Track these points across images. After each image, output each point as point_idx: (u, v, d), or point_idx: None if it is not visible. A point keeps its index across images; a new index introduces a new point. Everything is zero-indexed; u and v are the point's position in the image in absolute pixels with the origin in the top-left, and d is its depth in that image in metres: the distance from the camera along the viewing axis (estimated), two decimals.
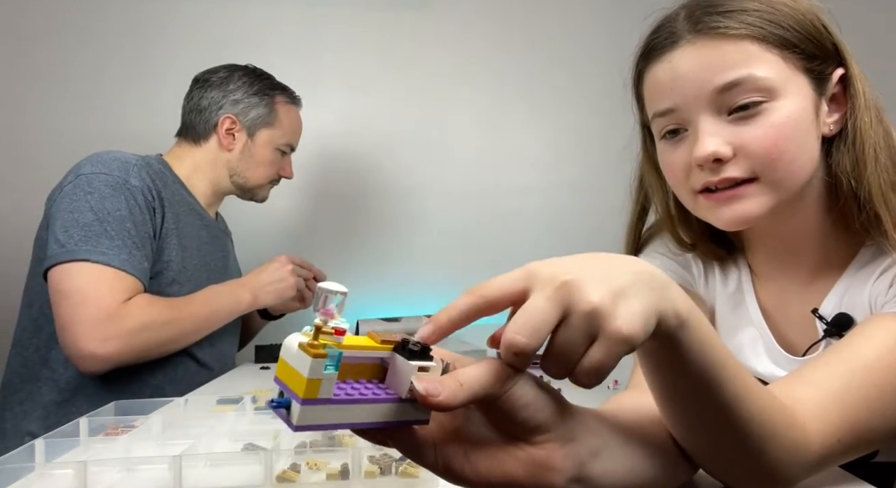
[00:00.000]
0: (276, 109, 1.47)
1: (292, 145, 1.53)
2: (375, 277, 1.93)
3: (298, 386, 0.36)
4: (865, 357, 0.60)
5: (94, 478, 0.67)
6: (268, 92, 1.47)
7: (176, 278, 1.31)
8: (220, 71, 1.46)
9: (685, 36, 0.67)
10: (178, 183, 1.41)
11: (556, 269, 0.40)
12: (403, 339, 0.39)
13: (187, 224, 1.38)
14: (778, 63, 0.65)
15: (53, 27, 1.82)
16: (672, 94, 0.67)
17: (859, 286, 0.70)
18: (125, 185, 1.24)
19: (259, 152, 1.46)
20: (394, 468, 0.66)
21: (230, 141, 1.43)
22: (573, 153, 1.99)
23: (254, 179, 1.48)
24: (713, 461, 0.53)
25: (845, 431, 0.56)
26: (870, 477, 0.63)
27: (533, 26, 1.99)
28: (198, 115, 1.44)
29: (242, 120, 1.44)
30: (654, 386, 0.49)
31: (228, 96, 1.44)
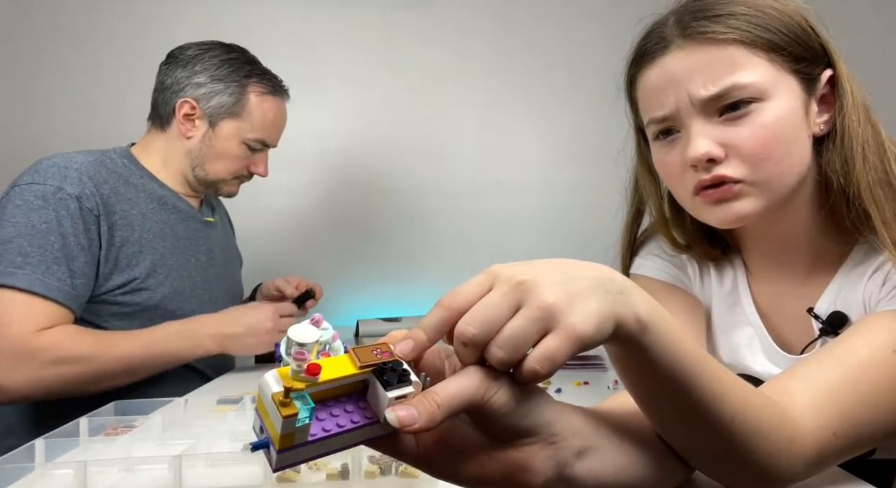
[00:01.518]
0: (245, 99, 1.32)
1: (265, 141, 1.36)
2: (375, 277, 1.93)
3: (274, 436, 0.36)
4: (859, 353, 0.60)
5: (94, 478, 0.67)
6: (238, 78, 1.31)
7: (144, 285, 1.21)
8: (192, 47, 1.33)
9: (675, 41, 0.68)
10: (147, 176, 1.30)
11: (516, 270, 0.41)
12: (382, 365, 0.39)
13: (157, 221, 1.27)
14: (765, 65, 0.66)
15: (54, 27, 1.82)
16: (665, 98, 0.69)
17: (853, 285, 0.71)
18: (57, 194, 1.13)
19: (220, 144, 1.32)
20: (394, 468, 0.66)
21: (189, 128, 1.31)
22: (573, 153, 1.99)
23: (214, 173, 1.34)
24: (703, 461, 0.53)
25: (840, 425, 0.56)
26: (867, 475, 0.63)
27: (533, 26, 1.99)
28: (160, 95, 1.33)
29: (203, 106, 1.30)
30: (630, 390, 0.49)
31: (192, 78, 1.30)
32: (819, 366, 0.59)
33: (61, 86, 1.82)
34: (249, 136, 1.33)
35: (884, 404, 0.59)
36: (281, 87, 1.39)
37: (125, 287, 1.20)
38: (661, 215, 0.81)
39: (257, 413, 0.38)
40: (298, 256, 1.91)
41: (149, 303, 1.22)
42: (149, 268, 1.23)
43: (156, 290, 1.23)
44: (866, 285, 0.69)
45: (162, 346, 1.18)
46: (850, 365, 0.59)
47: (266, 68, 1.38)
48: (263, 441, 0.37)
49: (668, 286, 0.83)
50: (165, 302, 1.25)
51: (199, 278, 1.33)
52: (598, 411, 0.49)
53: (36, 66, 1.81)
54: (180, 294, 1.28)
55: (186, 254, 1.32)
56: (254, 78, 1.33)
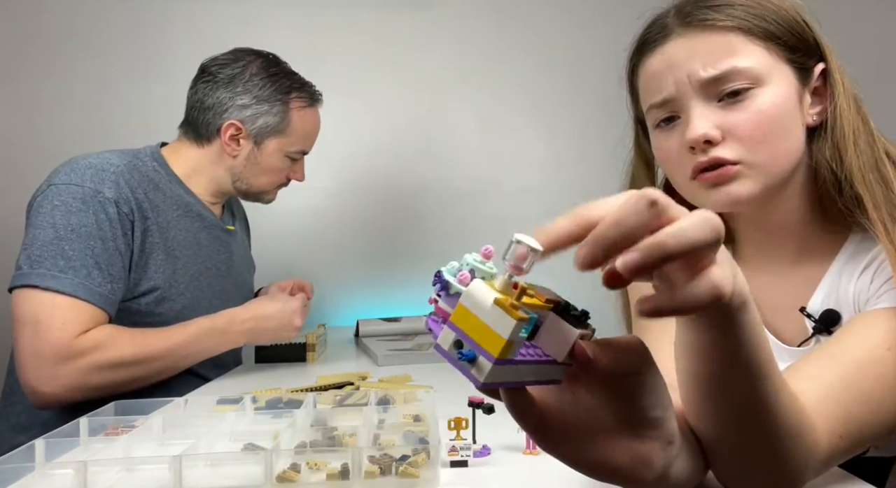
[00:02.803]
0: (289, 117, 1.33)
1: (305, 151, 1.40)
2: (375, 277, 1.93)
3: (493, 345, 0.34)
4: (855, 353, 0.61)
5: (94, 478, 0.67)
6: (281, 96, 1.32)
7: (166, 295, 1.22)
8: (231, 64, 1.31)
9: (676, 29, 0.71)
10: (175, 181, 1.31)
11: None
12: (565, 302, 0.38)
13: (182, 229, 1.28)
14: (762, 53, 0.69)
15: (56, 28, 1.82)
16: (666, 84, 0.71)
17: (845, 281, 0.72)
18: (96, 197, 1.14)
19: (266, 161, 1.34)
20: (394, 468, 0.66)
21: (234, 148, 1.32)
22: (573, 153, 1.99)
23: (258, 186, 1.37)
24: (733, 459, 0.53)
25: (845, 427, 0.57)
26: (862, 473, 0.63)
27: (533, 27, 1.99)
28: (201, 114, 1.32)
29: (249, 128, 1.31)
30: (697, 372, 0.48)
31: (236, 99, 1.30)
32: (819, 365, 0.60)
33: (65, 87, 1.82)
34: (292, 149, 1.36)
35: (882, 403, 0.60)
36: (317, 96, 1.40)
37: (148, 295, 1.21)
38: None
39: (453, 326, 0.36)
40: (298, 256, 1.91)
41: (170, 313, 1.23)
42: (171, 278, 1.24)
43: (176, 300, 1.24)
44: (857, 282, 0.71)
45: (196, 346, 1.20)
46: (848, 364, 0.60)
47: (302, 78, 1.39)
48: (469, 353, 0.35)
49: None
50: (187, 311, 1.25)
51: (217, 287, 1.34)
52: None
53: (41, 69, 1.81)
54: (200, 304, 1.28)
55: (207, 262, 1.33)
56: (294, 93, 1.34)
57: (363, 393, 0.97)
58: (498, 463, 0.72)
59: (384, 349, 1.40)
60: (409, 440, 0.76)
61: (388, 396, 0.93)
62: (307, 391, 1.03)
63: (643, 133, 0.82)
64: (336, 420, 0.87)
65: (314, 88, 1.40)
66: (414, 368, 1.26)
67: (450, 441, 0.71)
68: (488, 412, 0.72)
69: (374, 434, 0.78)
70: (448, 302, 0.38)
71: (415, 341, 1.52)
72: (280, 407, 0.92)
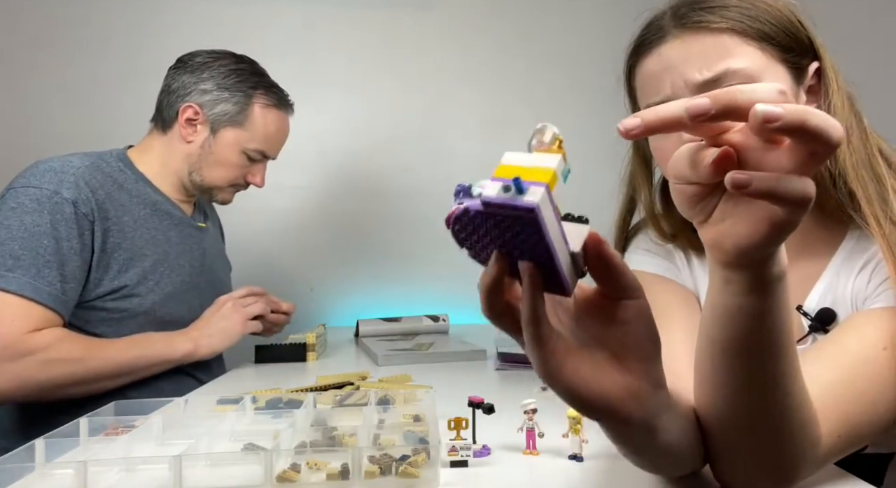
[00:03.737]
0: (250, 110, 1.34)
1: (265, 152, 1.38)
2: (375, 277, 1.93)
3: (541, 175, 0.37)
4: (852, 352, 0.61)
5: (94, 478, 0.67)
6: (245, 89, 1.33)
7: (134, 292, 1.23)
8: (203, 54, 1.35)
9: (671, 31, 0.72)
10: (142, 180, 1.31)
11: None
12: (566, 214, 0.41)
13: (150, 228, 1.28)
14: (756, 54, 0.69)
15: (53, 26, 1.82)
16: (663, 85, 0.72)
17: (843, 280, 0.72)
18: (53, 198, 1.14)
19: (220, 151, 1.33)
20: (394, 468, 0.66)
21: (190, 132, 1.32)
22: (573, 153, 1.97)
23: (210, 179, 1.35)
24: (737, 441, 0.54)
25: (844, 427, 0.57)
26: (860, 469, 0.64)
27: (533, 26, 1.99)
28: (166, 98, 1.34)
29: (207, 112, 1.31)
30: (723, 337, 0.50)
31: (199, 84, 1.32)
32: (817, 364, 0.60)
33: (60, 87, 1.82)
34: (250, 146, 1.35)
35: (879, 402, 0.60)
36: (286, 101, 1.40)
37: (115, 293, 1.21)
38: (651, 204, 0.84)
39: (497, 179, 0.39)
40: (298, 256, 1.92)
41: (139, 309, 1.24)
42: (140, 275, 1.24)
43: (146, 297, 1.25)
44: (854, 281, 0.71)
45: (140, 350, 1.19)
46: (846, 364, 0.60)
47: (273, 81, 1.39)
48: (520, 183, 0.37)
49: (661, 279, 0.84)
50: (156, 307, 1.26)
51: (190, 283, 1.34)
52: None
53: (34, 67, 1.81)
54: (171, 299, 1.29)
55: (179, 259, 1.33)
56: (260, 90, 1.35)
57: (363, 393, 0.97)
58: (498, 463, 0.72)
59: (384, 349, 1.40)
60: (409, 440, 0.76)
61: (388, 396, 0.93)
62: (307, 391, 1.03)
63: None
64: (336, 420, 0.87)
65: (285, 94, 1.40)
66: (414, 368, 1.26)
67: (450, 441, 0.71)
68: (488, 412, 0.72)
69: (374, 434, 0.78)
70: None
71: (415, 341, 1.52)
72: (280, 407, 0.92)
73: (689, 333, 0.76)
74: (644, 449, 0.52)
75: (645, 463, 0.57)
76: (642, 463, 0.57)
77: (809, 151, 0.39)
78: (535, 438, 0.74)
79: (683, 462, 0.56)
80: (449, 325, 1.69)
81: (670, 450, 0.52)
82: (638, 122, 0.41)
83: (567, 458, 0.72)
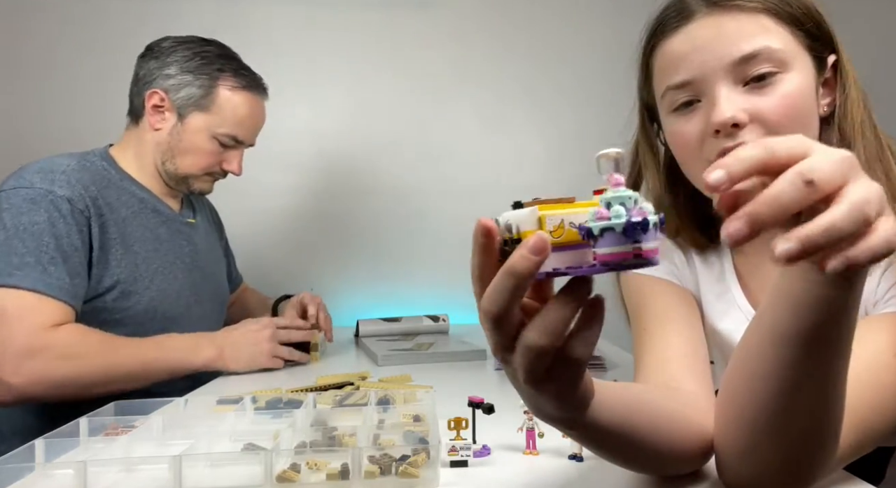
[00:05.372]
0: (215, 93, 1.29)
1: (237, 137, 1.32)
2: (375, 277, 1.93)
3: None
4: (864, 359, 0.60)
5: (94, 478, 0.67)
6: (209, 71, 1.29)
7: (130, 289, 1.21)
8: (171, 40, 1.31)
9: (701, 10, 0.70)
10: (126, 179, 1.29)
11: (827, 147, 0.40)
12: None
13: (138, 226, 1.27)
14: (788, 38, 0.69)
15: (54, 26, 1.82)
16: (690, 66, 0.70)
17: None
18: (47, 196, 1.13)
19: (189, 138, 1.29)
20: (394, 468, 0.66)
21: (157, 119, 1.29)
22: (573, 153, 1.99)
23: (183, 168, 1.31)
24: (765, 441, 0.53)
25: (854, 435, 0.57)
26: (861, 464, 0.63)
27: (533, 26, 1.99)
28: (134, 87, 1.32)
29: (172, 97, 1.28)
30: (796, 326, 0.48)
31: (164, 69, 1.28)
32: None
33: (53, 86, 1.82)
34: (219, 131, 1.30)
35: (888, 410, 0.60)
36: (257, 84, 1.35)
37: (113, 290, 1.20)
38: (659, 193, 0.81)
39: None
40: (298, 256, 1.92)
41: (138, 307, 1.23)
42: (134, 272, 1.23)
43: (143, 294, 1.23)
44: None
45: (166, 351, 1.18)
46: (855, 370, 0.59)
47: (243, 64, 1.34)
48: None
49: (659, 281, 0.83)
50: (154, 304, 1.25)
51: (185, 280, 1.33)
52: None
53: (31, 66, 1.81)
54: (168, 296, 1.28)
55: (170, 256, 1.31)
56: (227, 72, 1.30)
57: (363, 393, 0.97)
58: (498, 463, 0.72)
59: (384, 349, 1.40)
60: (409, 440, 0.76)
61: (388, 396, 0.93)
62: (307, 391, 1.03)
63: (649, 120, 0.81)
64: (336, 420, 0.87)
65: (256, 76, 1.35)
66: (414, 368, 1.26)
67: (450, 441, 0.71)
68: (488, 412, 0.72)
69: (374, 434, 0.78)
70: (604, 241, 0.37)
71: (415, 341, 1.52)
72: (280, 407, 0.92)
73: (686, 337, 0.76)
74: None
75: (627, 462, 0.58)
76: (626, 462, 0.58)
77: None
78: (535, 438, 0.74)
79: (662, 457, 0.57)
80: (449, 325, 1.69)
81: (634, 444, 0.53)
82: (723, 176, 0.38)
83: (567, 458, 0.72)
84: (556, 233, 0.38)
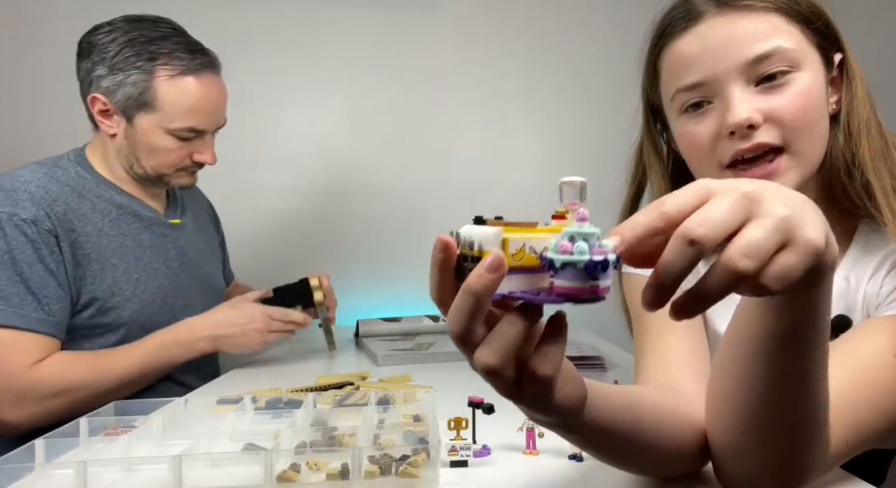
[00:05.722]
0: (153, 87, 1.15)
1: (195, 128, 1.19)
2: (375, 277, 1.93)
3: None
4: (864, 358, 0.61)
5: (94, 478, 0.67)
6: (140, 63, 1.14)
7: (109, 305, 1.16)
8: (97, 32, 1.17)
9: (710, 11, 0.69)
10: (103, 183, 1.22)
11: (735, 182, 0.40)
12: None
13: (116, 235, 1.20)
14: (799, 36, 0.69)
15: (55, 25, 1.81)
16: (701, 67, 0.69)
17: (854, 284, 0.72)
18: (11, 220, 1.08)
19: (144, 139, 1.18)
20: (394, 468, 0.66)
21: (109, 125, 1.18)
22: (573, 153, 1.99)
23: (152, 168, 1.21)
24: (754, 444, 0.53)
25: (852, 433, 0.57)
26: (862, 466, 0.63)
27: (533, 26, 1.99)
28: (81, 91, 1.21)
29: (112, 100, 1.16)
30: (765, 329, 0.49)
31: (94, 69, 1.16)
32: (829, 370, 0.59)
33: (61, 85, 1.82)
34: (173, 126, 1.18)
35: (888, 409, 0.60)
36: (199, 62, 1.19)
37: (89, 307, 1.16)
38: (664, 194, 0.81)
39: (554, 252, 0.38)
40: (298, 256, 1.91)
41: (118, 322, 1.19)
42: (111, 287, 1.18)
43: (124, 308, 1.19)
44: (867, 286, 0.71)
45: (157, 357, 1.17)
46: (856, 369, 0.60)
47: (180, 40, 1.19)
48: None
49: None
50: (136, 317, 1.21)
51: (169, 286, 1.28)
52: None
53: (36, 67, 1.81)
54: (150, 306, 1.24)
55: (154, 263, 1.26)
56: (159, 60, 1.15)
57: (363, 393, 0.97)
58: (498, 463, 0.72)
59: (384, 349, 1.40)
60: (409, 440, 0.76)
61: (388, 396, 0.93)
62: (307, 391, 1.03)
63: (655, 122, 0.80)
64: (336, 420, 0.87)
65: (197, 53, 1.19)
66: (414, 368, 1.26)
67: (450, 441, 0.71)
68: (488, 412, 0.72)
69: (374, 434, 0.78)
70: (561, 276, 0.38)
71: (415, 341, 1.52)
72: (280, 407, 0.92)
73: (687, 338, 0.75)
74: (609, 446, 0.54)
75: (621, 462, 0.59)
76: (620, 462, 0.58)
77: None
78: (535, 438, 0.74)
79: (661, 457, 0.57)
80: None
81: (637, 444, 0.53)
82: (618, 241, 0.40)
83: (567, 458, 0.72)
84: (516, 257, 0.39)
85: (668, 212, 0.39)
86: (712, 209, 0.38)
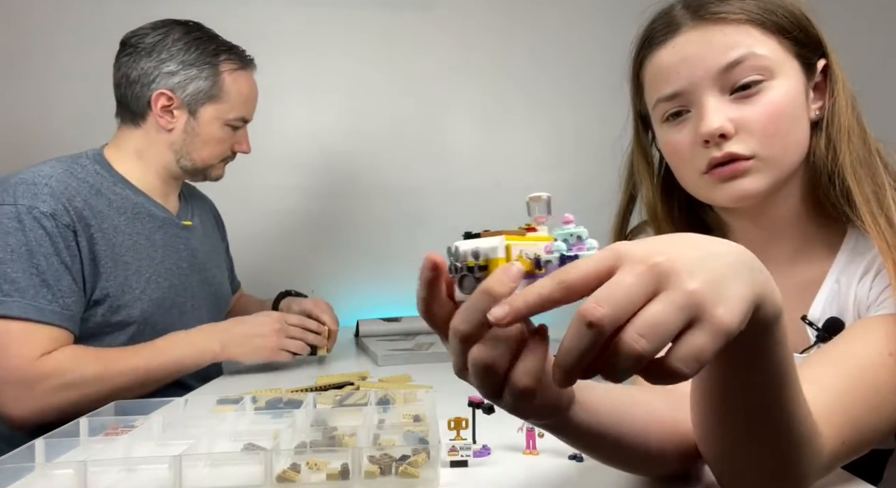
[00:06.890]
0: (221, 80, 1.27)
1: (246, 118, 1.33)
2: (375, 277, 1.93)
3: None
4: (857, 358, 0.61)
5: (94, 478, 0.67)
6: (209, 59, 1.26)
7: (120, 303, 1.18)
8: (151, 33, 1.26)
9: (686, 23, 0.71)
10: (120, 182, 1.25)
11: (648, 249, 0.37)
12: None
13: (130, 233, 1.23)
14: (775, 46, 0.70)
15: (56, 25, 1.81)
16: (678, 77, 0.71)
17: (844, 287, 0.72)
18: (31, 213, 1.09)
19: (205, 130, 1.28)
20: (394, 468, 0.66)
21: (168, 120, 1.25)
22: (573, 153, 1.99)
23: (202, 160, 1.30)
24: (741, 469, 0.53)
25: (849, 434, 0.57)
26: (859, 465, 0.63)
27: (533, 26, 1.99)
28: (129, 90, 1.26)
29: (180, 95, 1.25)
30: (717, 379, 0.48)
31: (161, 67, 1.23)
32: (822, 371, 0.60)
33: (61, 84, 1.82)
34: (231, 116, 1.30)
35: (884, 409, 0.60)
36: (249, 59, 1.34)
37: (103, 304, 1.17)
38: (652, 202, 0.82)
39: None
40: (298, 256, 1.91)
41: (128, 320, 1.20)
42: (122, 284, 1.19)
43: (133, 306, 1.20)
44: (856, 288, 0.71)
45: (167, 355, 1.16)
46: (852, 370, 0.60)
47: (228, 42, 1.33)
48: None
49: None
50: (146, 315, 1.22)
51: (180, 287, 1.29)
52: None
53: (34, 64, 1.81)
54: (160, 306, 1.25)
55: (166, 263, 1.28)
56: (222, 55, 1.28)
57: (363, 393, 0.97)
58: (498, 463, 0.72)
59: (384, 349, 1.40)
60: (409, 440, 0.76)
61: (388, 396, 0.93)
62: (307, 391, 1.03)
63: (643, 129, 0.82)
64: (336, 420, 0.87)
65: (244, 51, 1.34)
66: (414, 368, 1.26)
67: (450, 441, 0.71)
68: (488, 412, 0.72)
69: (374, 434, 0.78)
70: None
71: (415, 341, 1.52)
72: (280, 407, 0.92)
73: None
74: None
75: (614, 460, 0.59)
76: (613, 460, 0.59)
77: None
78: (535, 438, 0.74)
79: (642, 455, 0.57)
80: None
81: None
82: (507, 311, 0.37)
83: (567, 458, 0.72)
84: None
85: (568, 283, 0.37)
86: (615, 285, 0.35)
